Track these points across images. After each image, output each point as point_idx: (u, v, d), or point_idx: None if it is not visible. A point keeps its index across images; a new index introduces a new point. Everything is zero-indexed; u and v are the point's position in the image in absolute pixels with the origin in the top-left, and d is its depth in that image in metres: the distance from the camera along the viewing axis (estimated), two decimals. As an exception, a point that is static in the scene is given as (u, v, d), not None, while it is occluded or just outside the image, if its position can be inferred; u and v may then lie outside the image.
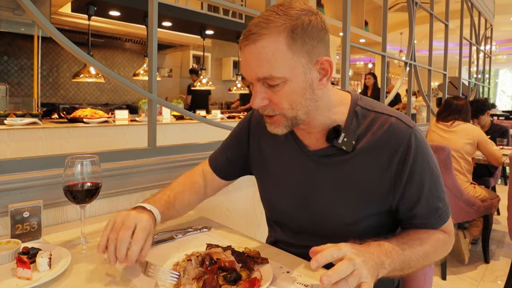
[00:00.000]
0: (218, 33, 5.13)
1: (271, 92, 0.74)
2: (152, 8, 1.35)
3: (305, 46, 0.72)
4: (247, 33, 0.72)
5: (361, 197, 0.81)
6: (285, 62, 0.71)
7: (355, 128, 0.81)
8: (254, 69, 0.73)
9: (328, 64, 0.75)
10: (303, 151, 0.87)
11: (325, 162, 0.83)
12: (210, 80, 5.54)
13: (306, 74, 0.73)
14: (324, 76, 0.76)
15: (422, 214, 0.80)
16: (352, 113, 0.82)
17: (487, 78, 7.13)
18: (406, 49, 3.90)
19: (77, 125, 2.79)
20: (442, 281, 2.34)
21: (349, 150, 0.79)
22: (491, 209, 2.55)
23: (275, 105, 0.75)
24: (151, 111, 1.37)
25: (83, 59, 1.21)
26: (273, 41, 0.70)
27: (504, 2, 6.82)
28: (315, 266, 0.60)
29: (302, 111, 0.76)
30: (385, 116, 0.80)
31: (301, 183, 0.87)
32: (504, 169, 4.11)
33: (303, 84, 0.74)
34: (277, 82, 0.72)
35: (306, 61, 0.73)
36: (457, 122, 2.60)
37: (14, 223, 0.90)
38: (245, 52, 0.73)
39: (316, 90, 0.76)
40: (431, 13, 3.63)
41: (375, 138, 0.79)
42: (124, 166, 1.24)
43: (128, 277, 0.75)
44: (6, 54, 4.91)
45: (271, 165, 0.94)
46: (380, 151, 0.78)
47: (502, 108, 11.92)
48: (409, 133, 0.78)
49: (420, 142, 0.78)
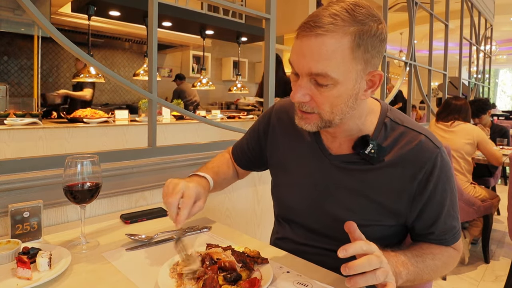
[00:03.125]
0: (218, 33, 5.13)
1: (316, 90, 0.72)
2: (152, 8, 1.35)
3: (366, 54, 0.70)
4: (312, 24, 0.68)
5: (377, 208, 0.81)
6: (343, 65, 0.68)
7: (382, 140, 0.80)
8: (309, 62, 0.69)
9: (379, 78, 0.74)
10: (324, 154, 0.86)
11: (347, 168, 0.83)
12: (210, 80, 5.55)
13: (357, 82, 0.72)
14: (370, 88, 0.75)
15: (440, 232, 0.81)
16: (381, 125, 0.81)
17: (487, 78, 7.13)
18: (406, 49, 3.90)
19: (77, 125, 2.79)
20: (442, 281, 2.34)
21: (374, 163, 0.79)
22: (491, 209, 2.55)
23: (315, 104, 0.73)
24: (151, 111, 1.37)
25: (83, 59, 1.21)
26: (338, 41, 0.67)
27: (504, 2, 6.81)
28: (342, 254, 0.60)
29: (339, 117, 0.74)
30: (415, 133, 0.79)
31: (317, 185, 0.87)
32: (504, 169, 4.12)
33: (350, 92, 0.72)
34: (328, 83, 0.69)
35: (361, 69, 0.71)
36: (457, 122, 2.60)
37: (14, 223, 0.90)
38: (303, 42, 0.69)
39: (358, 100, 0.74)
40: (431, 13, 3.63)
41: (401, 153, 0.78)
42: (124, 166, 1.24)
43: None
44: (6, 54, 4.91)
45: (290, 163, 0.94)
46: (404, 167, 0.78)
47: (502, 108, 11.92)
48: (436, 153, 0.77)
49: (445, 163, 0.79)
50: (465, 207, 2.42)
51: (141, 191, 1.29)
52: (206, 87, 5.44)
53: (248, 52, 7.83)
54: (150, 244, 0.92)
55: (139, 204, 1.29)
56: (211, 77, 7.33)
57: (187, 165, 1.43)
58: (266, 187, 1.77)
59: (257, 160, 1.06)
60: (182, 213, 0.78)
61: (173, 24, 4.53)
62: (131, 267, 0.80)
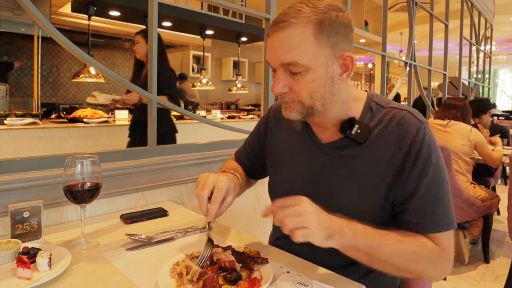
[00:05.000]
0: (218, 33, 5.13)
1: (292, 80, 0.77)
2: (152, 8, 1.35)
3: (331, 39, 0.75)
4: (276, 21, 0.76)
5: (368, 189, 0.80)
6: (310, 51, 0.74)
7: (368, 121, 0.83)
8: (279, 54, 0.75)
9: (350, 60, 0.78)
10: (316, 144, 0.89)
11: (337, 154, 0.85)
12: (210, 80, 5.55)
13: (329, 66, 0.76)
14: (345, 71, 0.79)
15: (416, 209, 0.77)
16: (367, 109, 0.84)
17: (487, 78, 7.13)
18: (406, 49, 3.90)
19: (77, 125, 2.79)
20: (442, 281, 2.34)
21: (361, 141, 0.81)
22: (491, 209, 2.55)
23: (295, 93, 0.78)
24: (151, 111, 1.37)
25: (83, 59, 1.21)
26: (301, 30, 0.73)
27: (504, 2, 6.81)
28: (264, 213, 0.69)
29: (319, 102, 0.78)
30: (398, 110, 0.82)
31: (311, 176, 0.88)
32: (504, 169, 4.12)
33: (324, 76, 0.76)
34: (300, 70, 0.75)
35: (329, 54, 0.76)
36: (453, 122, 2.58)
37: (14, 223, 0.90)
38: (272, 38, 0.77)
39: (335, 84, 0.78)
40: (431, 13, 3.63)
41: (386, 129, 0.80)
42: (124, 166, 1.24)
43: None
44: (6, 54, 4.90)
45: (285, 158, 0.96)
46: (389, 142, 0.79)
47: (502, 108, 11.92)
48: (419, 126, 0.78)
49: (428, 137, 0.78)
50: (465, 207, 2.41)
51: (141, 191, 1.29)
52: (206, 87, 5.44)
53: (248, 52, 7.83)
54: (150, 244, 0.92)
55: (139, 204, 1.29)
56: (211, 77, 7.33)
57: (187, 165, 1.43)
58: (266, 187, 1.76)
59: (260, 164, 1.06)
60: (211, 207, 0.79)
61: (173, 24, 4.53)
62: (131, 267, 0.80)
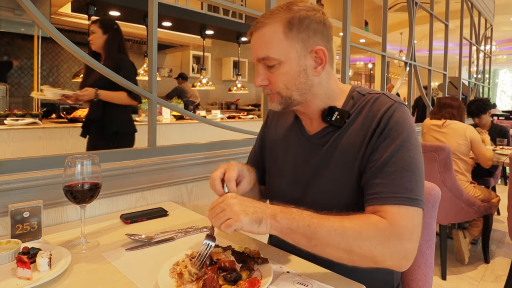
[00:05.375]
0: (218, 33, 5.13)
1: (269, 73, 0.85)
2: (152, 8, 1.35)
3: (300, 34, 0.82)
4: (255, 23, 0.85)
5: (348, 170, 0.82)
6: (280, 46, 0.81)
7: (349, 109, 0.88)
8: (256, 51, 0.85)
9: (323, 53, 0.83)
10: (304, 136, 0.94)
11: (321, 142, 0.89)
12: (210, 80, 5.55)
13: (300, 59, 0.83)
14: (320, 64, 0.85)
15: (377, 183, 0.76)
16: (349, 98, 0.90)
17: (487, 78, 7.13)
18: (406, 49, 3.90)
19: (77, 125, 2.79)
20: (442, 281, 2.34)
21: (341, 125, 0.86)
22: (491, 209, 2.55)
23: (272, 85, 0.86)
24: (151, 111, 1.37)
25: (83, 59, 1.21)
26: (272, 28, 0.82)
27: (504, 2, 6.81)
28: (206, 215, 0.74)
29: (296, 92, 0.85)
30: (374, 94, 0.87)
31: (300, 167, 0.92)
32: (504, 169, 4.11)
33: (297, 68, 0.83)
34: (274, 63, 0.83)
35: (300, 48, 0.82)
36: (448, 122, 2.58)
37: (14, 223, 0.90)
38: (252, 38, 0.86)
39: (310, 76, 0.85)
40: (431, 13, 3.64)
41: (362, 112, 0.86)
42: (124, 166, 1.24)
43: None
44: (6, 54, 4.90)
45: (278, 152, 1.01)
46: (364, 122, 0.84)
47: (502, 108, 11.93)
48: (391, 104, 0.82)
49: (400, 114, 0.81)
50: (465, 207, 2.41)
51: (141, 191, 1.29)
52: (206, 87, 5.44)
53: (248, 52, 7.79)
54: (150, 244, 0.92)
55: (139, 204, 1.29)
56: (211, 77, 7.33)
57: (187, 165, 1.43)
58: (266, 187, 1.76)
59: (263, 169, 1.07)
60: (229, 184, 0.84)
61: (173, 24, 4.53)
62: (131, 267, 0.80)
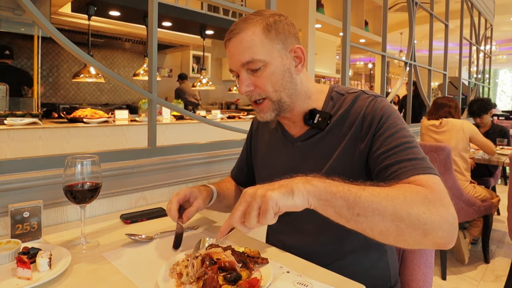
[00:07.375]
0: (218, 33, 5.12)
1: (254, 77, 0.84)
2: (152, 8, 1.35)
3: (279, 35, 0.83)
4: (228, 32, 0.85)
5: (337, 170, 0.82)
6: (263, 47, 0.82)
7: (330, 109, 0.89)
8: (237, 57, 0.83)
9: (301, 51, 0.86)
10: (288, 139, 0.95)
11: (305, 144, 0.91)
12: (210, 80, 5.54)
13: (283, 59, 0.84)
14: (299, 63, 0.87)
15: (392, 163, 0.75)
16: (329, 98, 0.91)
17: (487, 78, 7.13)
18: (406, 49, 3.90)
19: (77, 125, 2.79)
20: (442, 281, 2.34)
21: (324, 127, 0.87)
22: (491, 209, 2.55)
23: (260, 89, 0.84)
24: (151, 111, 1.37)
25: (83, 59, 1.21)
26: (251, 32, 0.82)
27: (504, 2, 6.81)
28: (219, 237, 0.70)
29: (285, 93, 0.85)
30: (353, 93, 0.89)
31: (286, 171, 0.88)
32: (504, 169, 4.11)
33: (281, 67, 0.84)
34: (259, 66, 0.82)
35: (281, 48, 0.84)
36: (445, 120, 2.62)
37: (14, 223, 0.90)
38: (229, 47, 0.85)
39: (294, 74, 0.86)
40: (431, 13, 3.63)
41: (343, 110, 0.87)
42: (124, 166, 1.24)
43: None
44: (6, 54, 4.89)
45: (265, 158, 1.02)
46: (345, 121, 0.86)
47: (502, 108, 11.92)
48: (370, 99, 0.85)
49: (381, 104, 0.83)
50: (465, 207, 2.41)
51: (141, 191, 1.29)
52: (206, 87, 5.44)
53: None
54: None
55: (139, 204, 1.29)
56: (211, 77, 7.32)
57: (187, 165, 1.43)
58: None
59: (252, 176, 1.12)
60: (170, 206, 0.91)
61: (173, 24, 4.53)
62: (131, 267, 0.80)
